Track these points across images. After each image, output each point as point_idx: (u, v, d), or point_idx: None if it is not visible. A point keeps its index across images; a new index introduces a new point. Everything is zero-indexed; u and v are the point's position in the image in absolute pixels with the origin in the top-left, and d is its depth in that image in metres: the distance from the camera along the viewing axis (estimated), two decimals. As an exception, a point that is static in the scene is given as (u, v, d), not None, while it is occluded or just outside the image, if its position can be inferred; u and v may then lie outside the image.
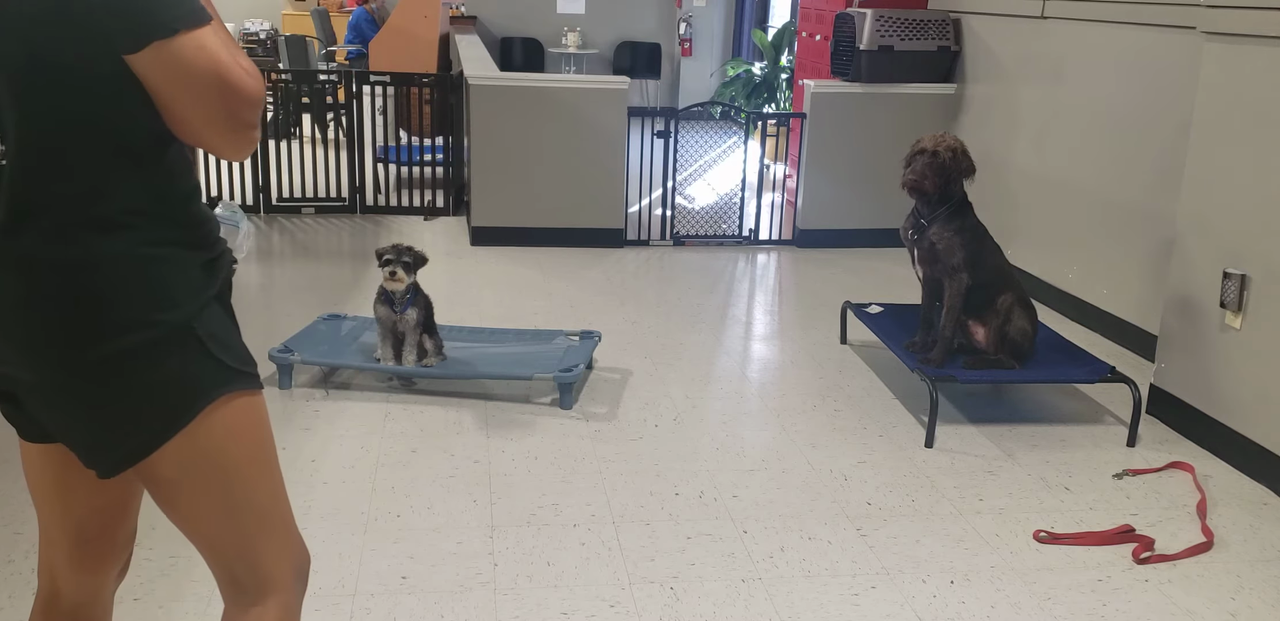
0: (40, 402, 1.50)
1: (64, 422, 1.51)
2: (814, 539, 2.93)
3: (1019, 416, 3.83)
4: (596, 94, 5.98)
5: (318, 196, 6.72)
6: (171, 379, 1.48)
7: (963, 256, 3.72)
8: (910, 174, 3.75)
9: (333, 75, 7.08)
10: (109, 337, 1.43)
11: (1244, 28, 3.41)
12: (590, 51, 10.84)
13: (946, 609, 2.61)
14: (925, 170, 3.72)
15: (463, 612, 2.52)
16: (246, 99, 1.41)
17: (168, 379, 1.48)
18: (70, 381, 1.46)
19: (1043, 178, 5.17)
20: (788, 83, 9.46)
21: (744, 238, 6.29)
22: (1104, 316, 4.73)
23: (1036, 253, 5.23)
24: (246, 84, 1.40)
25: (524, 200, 6.05)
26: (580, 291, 5.22)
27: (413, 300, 3.82)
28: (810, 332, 4.72)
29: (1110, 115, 4.66)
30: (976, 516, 3.08)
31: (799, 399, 3.94)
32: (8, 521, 2.87)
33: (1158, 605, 2.66)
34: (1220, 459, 3.52)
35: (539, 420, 3.66)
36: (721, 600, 2.62)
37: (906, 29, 5.93)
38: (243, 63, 1.42)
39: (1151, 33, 4.40)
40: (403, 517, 2.96)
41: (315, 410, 3.67)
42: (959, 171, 3.75)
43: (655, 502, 3.10)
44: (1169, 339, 3.80)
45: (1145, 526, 3.04)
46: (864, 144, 6.10)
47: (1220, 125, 3.55)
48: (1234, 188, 3.50)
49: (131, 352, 1.45)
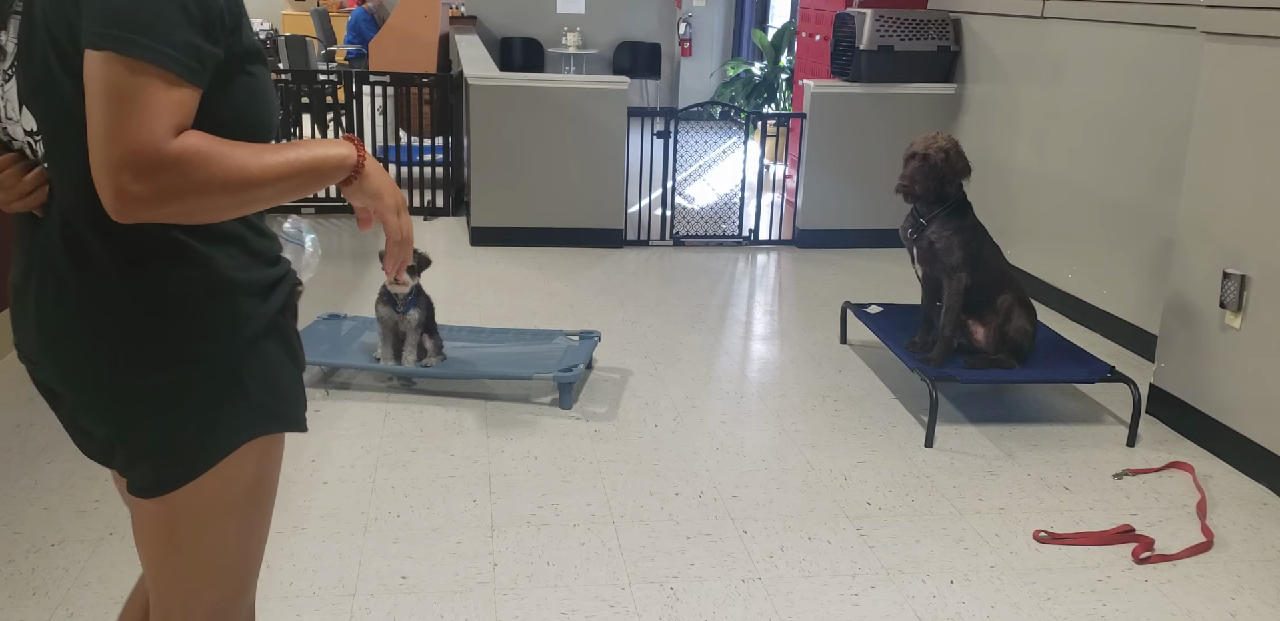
0: (74, 412, 1.46)
1: (98, 434, 1.44)
2: (814, 539, 2.93)
3: (1019, 416, 3.83)
4: (596, 94, 5.98)
5: (318, 197, 6.71)
6: (204, 419, 1.38)
7: (961, 256, 3.72)
8: (901, 180, 3.75)
9: (332, 75, 7.09)
10: (140, 371, 1.35)
11: (1244, 28, 3.41)
12: (590, 51, 10.84)
13: (946, 609, 2.61)
14: (915, 174, 3.72)
15: (463, 612, 2.53)
16: (127, 160, 1.17)
17: (198, 418, 1.38)
18: (99, 406, 1.38)
19: (1043, 178, 5.18)
20: (788, 83, 9.46)
21: (744, 238, 6.29)
22: (1104, 316, 4.73)
23: (1036, 253, 5.23)
24: (139, 143, 1.17)
25: (524, 200, 6.05)
26: (580, 291, 5.23)
27: (415, 301, 3.82)
28: (810, 333, 4.72)
29: (1110, 115, 4.66)
30: (976, 516, 3.08)
31: (799, 399, 3.94)
32: (8, 521, 2.87)
33: (1158, 605, 2.66)
34: (1220, 459, 3.52)
35: (539, 420, 3.66)
36: (721, 600, 2.62)
37: (906, 29, 5.93)
38: (160, 125, 1.18)
39: (1151, 33, 4.40)
40: (403, 517, 2.96)
41: (315, 410, 3.67)
42: (953, 172, 3.74)
43: (655, 502, 3.10)
44: (1169, 339, 3.80)
45: (1145, 526, 3.04)
46: (864, 144, 6.10)
47: (1220, 125, 3.55)
48: (1234, 188, 3.50)
49: (161, 388, 1.35)
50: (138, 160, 1.17)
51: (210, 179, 1.20)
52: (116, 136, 1.17)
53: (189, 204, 1.21)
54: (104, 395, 1.37)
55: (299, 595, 2.56)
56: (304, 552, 2.75)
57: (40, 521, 2.86)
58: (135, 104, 1.17)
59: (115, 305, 1.33)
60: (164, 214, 1.21)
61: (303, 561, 2.71)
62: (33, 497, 2.99)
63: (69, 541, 2.77)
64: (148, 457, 1.39)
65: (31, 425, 3.45)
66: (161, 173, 1.18)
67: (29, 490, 3.04)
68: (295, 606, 2.52)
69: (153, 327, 1.34)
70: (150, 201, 1.19)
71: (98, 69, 1.18)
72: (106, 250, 1.32)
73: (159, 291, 1.34)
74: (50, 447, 3.30)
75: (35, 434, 3.39)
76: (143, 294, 1.33)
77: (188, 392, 1.37)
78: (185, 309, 1.35)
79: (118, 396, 1.36)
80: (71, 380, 1.38)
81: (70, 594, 2.53)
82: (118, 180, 1.17)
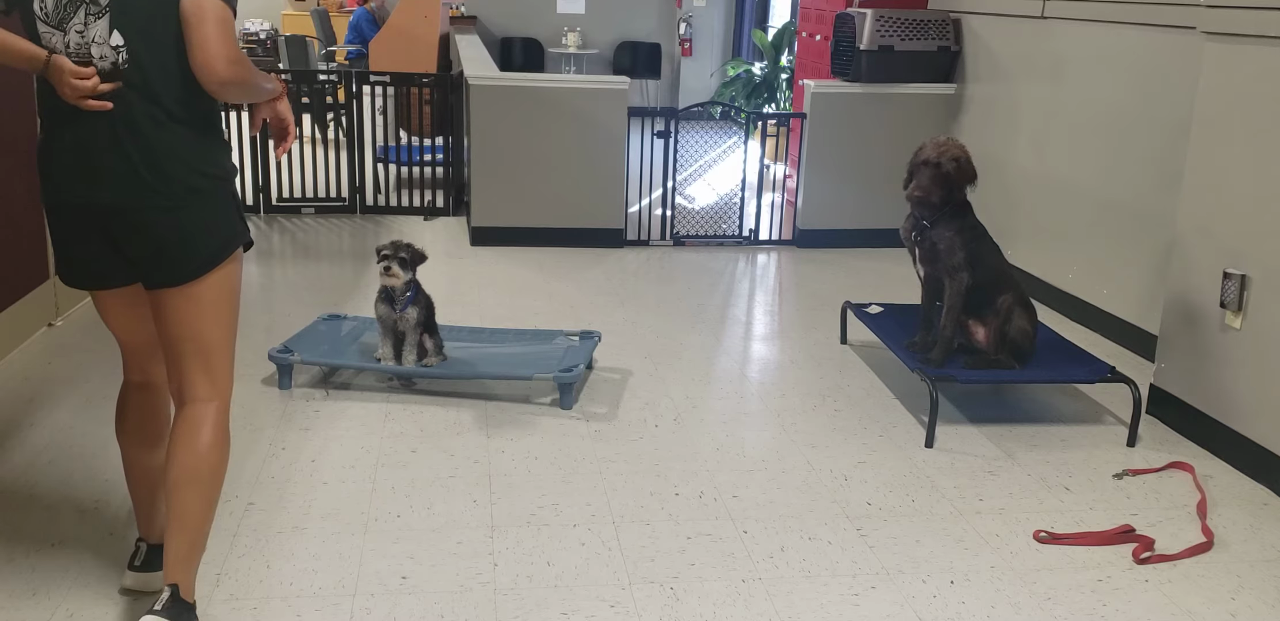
0: (128, 227, 2.23)
1: (147, 243, 2.24)
2: (814, 539, 2.93)
3: (1019, 416, 3.83)
4: (596, 94, 5.98)
5: (318, 196, 6.72)
6: (225, 214, 2.32)
7: (964, 256, 3.72)
8: (916, 190, 3.72)
9: (333, 75, 7.09)
10: (182, 177, 2.22)
11: (1244, 28, 3.41)
12: (590, 51, 10.84)
13: (946, 609, 2.61)
14: (930, 185, 3.70)
15: (463, 612, 2.52)
16: (230, 58, 2.18)
17: (222, 213, 2.31)
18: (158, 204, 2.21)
19: (1043, 178, 5.17)
20: (788, 83, 9.47)
21: (744, 238, 6.29)
22: (1104, 316, 4.73)
23: (1036, 253, 5.23)
24: (235, 49, 2.19)
25: (524, 200, 6.05)
26: (580, 291, 5.23)
27: (413, 299, 3.82)
28: (810, 333, 4.72)
29: (1110, 115, 4.66)
30: (976, 516, 3.08)
31: (799, 399, 3.94)
32: (8, 521, 2.87)
33: (1158, 605, 2.66)
34: (1220, 459, 3.52)
35: (539, 420, 3.66)
36: (721, 600, 2.62)
37: (906, 29, 5.93)
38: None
39: (1151, 33, 4.40)
40: (403, 517, 2.96)
41: (315, 410, 3.67)
42: (963, 180, 3.74)
43: (655, 502, 3.10)
44: (1169, 339, 3.80)
45: (1145, 526, 3.04)
46: (864, 144, 6.10)
47: (1220, 125, 3.55)
48: (1234, 188, 3.50)
49: (198, 189, 2.25)
50: (236, 57, 2.16)
51: (249, 74, 2.22)
52: (226, 44, 2.14)
53: (243, 85, 2.22)
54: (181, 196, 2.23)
55: (299, 595, 2.56)
56: (304, 552, 2.75)
57: (40, 521, 2.86)
58: (230, 27, 2.17)
59: (190, 141, 2.25)
60: (236, 89, 2.21)
61: (303, 561, 2.71)
62: (33, 497, 2.99)
63: (69, 541, 2.77)
64: (204, 243, 2.28)
65: (32, 425, 3.45)
66: (240, 64, 2.18)
67: (29, 490, 3.04)
68: (295, 606, 2.52)
69: (210, 152, 2.29)
70: (236, 80, 2.17)
71: (209, 3, 2.13)
72: (186, 112, 2.23)
73: (210, 135, 2.31)
74: (50, 447, 3.30)
75: (35, 434, 3.39)
76: (203, 135, 2.28)
77: (227, 199, 2.33)
78: (221, 146, 2.34)
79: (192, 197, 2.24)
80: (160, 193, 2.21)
81: (70, 594, 2.53)
82: (227, 68, 2.14)
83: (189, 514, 2.30)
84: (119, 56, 2.17)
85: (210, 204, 2.29)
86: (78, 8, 2.17)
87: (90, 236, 2.28)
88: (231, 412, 2.47)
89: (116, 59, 2.17)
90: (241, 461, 3.22)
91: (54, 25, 2.18)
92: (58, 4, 2.17)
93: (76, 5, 2.18)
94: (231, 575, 2.64)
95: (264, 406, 3.67)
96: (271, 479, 3.15)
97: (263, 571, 2.66)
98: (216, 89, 2.17)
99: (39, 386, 3.73)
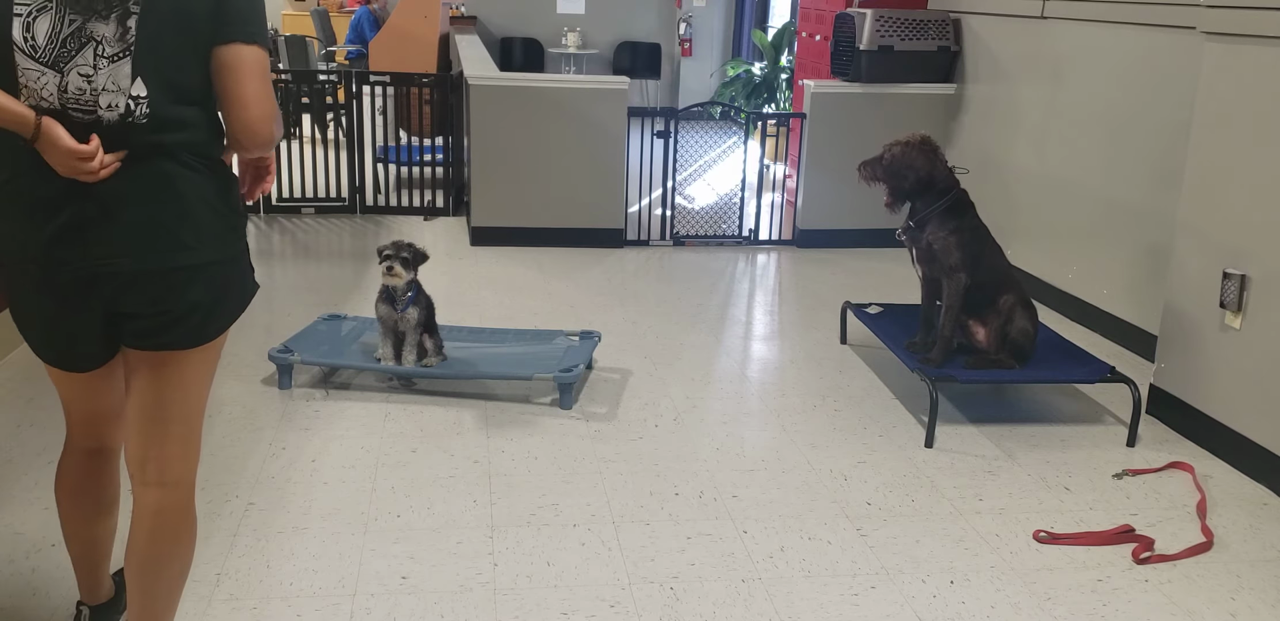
0: (138, 291, 1.90)
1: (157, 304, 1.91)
2: (814, 539, 2.93)
3: (1019, 416, 3.83)
4: (596, 94, 5.98)
5: (318, 197, 6.72)
6: (245, 282, 2.07)
7: (960, 256, 3.72)
8: (865, 178, 3.91)
9: (333, 75, 7.09)
10: (229, 242, 1.98)
11: (1244, 28, 3.41)
12: (590, 51, 10.84)
13: (946, 609, 2.61)
14: (872, 173, 3.87)
15: (463, 612, 2.53)
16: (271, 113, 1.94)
17: (243, 282, 2.06)
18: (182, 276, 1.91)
19: (1043, 178, 5.17)
20: (788, 83, 9.46)
21: (744, 238, 6.29)
22: (1104, 316, 4.73)
23: (1036, 253, 5.23)
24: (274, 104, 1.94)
25: (524, 200, 6.05)
26: (580, 291, 5.23)
27: (414, 299, 3.82)
28: (810, 332, 4.72)
29: (1110, 115, 4.66)
30: (976, 516, 3.08)
31: (799, 399, 3.94)
32: (8, 521, 2.87)
33: (1158, 605, 2.66)
34: (1220, 459, 3.52)
35: (539, 420, 3.66)
36: (721, 600, 2.62)
37: (906, 29, 5.93)
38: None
39: (1151, 33, 4.40)
40: (403, 517, 2.96)
41: (315, 410, 3.67)
42: (909, 167, 3.75)
43: (655, 502, 3.10)
44: (1169, 339, 3.80)
45: (1145, 526, 3.04)
46: (864, 144, 6.05)
47: (1220, 125, 3.55)
48: (1234, 188, 3.50)
49: (228, 260, 1.99)
50: (276, 114, 1.92)
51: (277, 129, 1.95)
52: (270, 102, 1.89)
53: (275, 143, 1.97)
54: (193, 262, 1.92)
55: (299, 595, 2.56)
56: (304, 552, 2.75)
57: (40, 521, 2.86)
58: (269, 80, 1.90)
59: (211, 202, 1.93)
60: (269, 149, 1.97)
61: (303, 561, 2.71)
62: (33, 498, 2.99)
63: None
64: (217, 311, 1.99)
65: (32, 425, 3.45)
66: (279, 122, 1.94)
67: (29, 490, 3.04)
68: (295, 606, 2.52)
69: (230, 215, 1.98)
70: (275, 141, 1.96)
71: (251, 55, 1.85)
72: (208, 167, 1.92)
73: (230, 192, 1.99)
74: (50, 447, 3.30)
75: (35, 434, 3.39)
76: (223, 193, 1.97)
77: (244, 265, 2.05)
78: (239, 205, 2.02)
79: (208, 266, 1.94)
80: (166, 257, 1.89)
81: (70, 594, 2.53)
82: (270, 131, 1.91)
83: (164, 598, 2.13)
84: (138, 110, 1.81)
85: (240, 254, 2.04)
86: (83, 45, 1.76)
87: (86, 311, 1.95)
88: (232, 412, 2.47)
89: (133, 112, 1.80)
90: (241, 461, 3.23)
91: (46, 63, 1.76)
92: (52, 35, 1.75)
93: (82, 42, 1.76)
94: (231, 575, 2.64)
95: (264, 406, 3.67)
96: (271, 479, 3.15)
97: (263, 571, 2.66)
98: (250, 148, 1.92)
99: (39, 386, 3.73)
